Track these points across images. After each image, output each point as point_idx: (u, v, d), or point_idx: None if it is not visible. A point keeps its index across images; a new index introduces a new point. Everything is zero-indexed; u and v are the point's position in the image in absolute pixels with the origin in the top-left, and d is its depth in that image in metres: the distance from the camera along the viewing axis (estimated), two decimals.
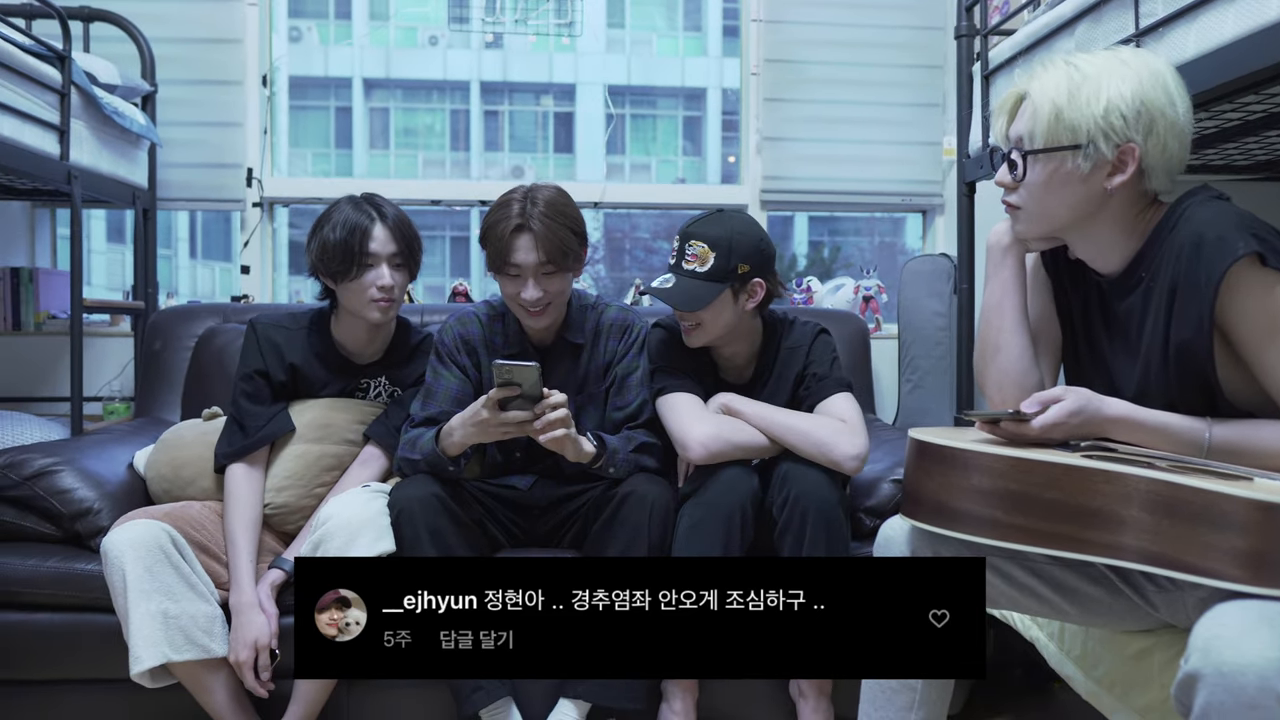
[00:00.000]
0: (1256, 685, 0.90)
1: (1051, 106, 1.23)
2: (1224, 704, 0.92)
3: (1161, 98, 1.21)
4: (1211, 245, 1.15)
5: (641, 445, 1.81)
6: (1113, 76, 1.21)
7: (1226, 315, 1.17)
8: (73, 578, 1.73)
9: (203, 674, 1.65)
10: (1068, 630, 1.51)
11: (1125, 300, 1.30)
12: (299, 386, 1.92)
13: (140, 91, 2.77)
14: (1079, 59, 1.26)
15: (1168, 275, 1.21)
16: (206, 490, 1.88)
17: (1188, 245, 1.18)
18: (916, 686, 1.37)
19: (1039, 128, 1.25)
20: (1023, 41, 2.01)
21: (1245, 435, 1.19)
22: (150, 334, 2.49)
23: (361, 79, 12.73)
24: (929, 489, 1.24)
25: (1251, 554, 0.99)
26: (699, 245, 1.76)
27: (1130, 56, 1.25)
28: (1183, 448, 1.20)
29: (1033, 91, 1.27)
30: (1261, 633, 0.92)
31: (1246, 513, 0.99)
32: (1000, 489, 1.16)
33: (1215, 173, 2.17)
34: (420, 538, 1.65)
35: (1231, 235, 1.14)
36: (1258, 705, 0.90)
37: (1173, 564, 1.04)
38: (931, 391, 2.83)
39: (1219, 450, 1.19)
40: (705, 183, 13.00)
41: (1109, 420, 1.23)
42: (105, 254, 10.28)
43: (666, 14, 12.87)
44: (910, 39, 3.17)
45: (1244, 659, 0.91)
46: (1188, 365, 1.20)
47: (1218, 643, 0.94)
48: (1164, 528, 1.05)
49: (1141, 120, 1.20)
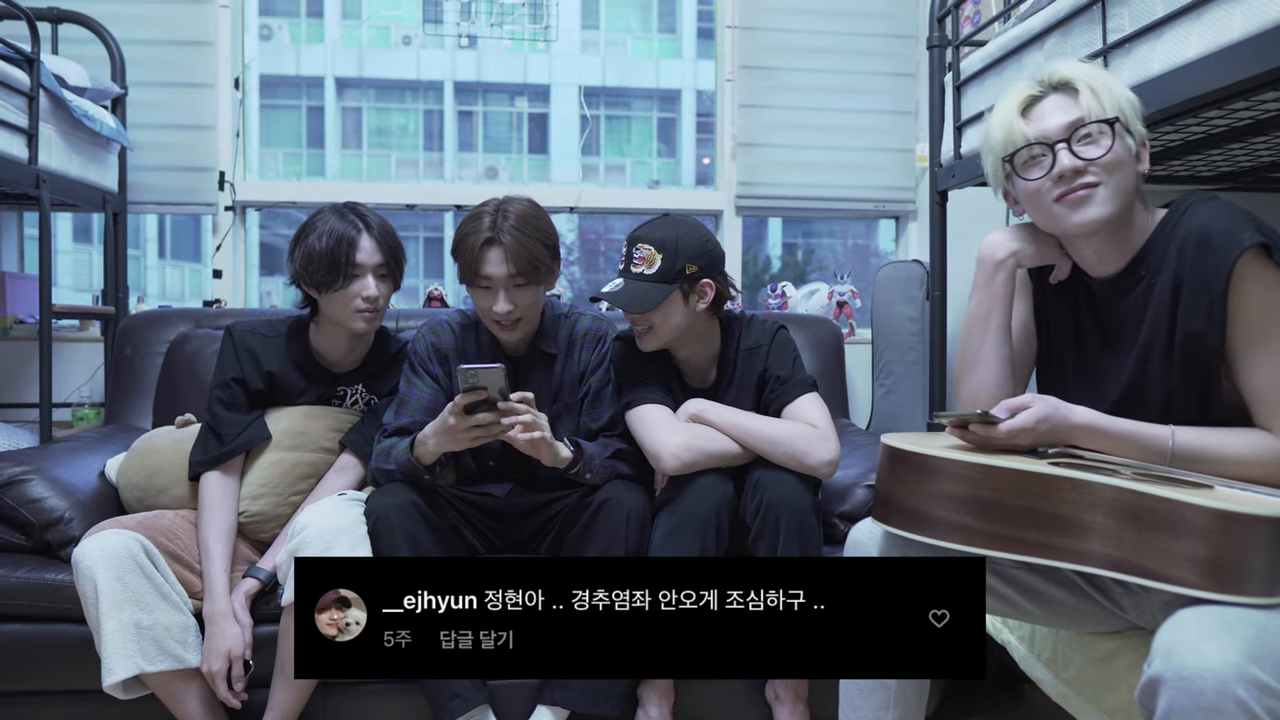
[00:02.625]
0: (1215, 689, 0.92)
1: (1109, 84, 1.26)
2: (1184, 708, 0.94)
3: None
4: (1219, 237, 1.19)
5: (618, 452, 1.82)
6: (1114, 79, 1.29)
7: (1229, 306, 1.20)
8: (43, 588, 1.70)
9: (176, 684, 1.63)
10: (1038, 633, 1.54)
11: (1123, 300, 1.31)
12: (276, 394, 1.91)
13: (110, 94, 2.74)
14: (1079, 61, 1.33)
15: (1170, 270, 1.24)
16: (180, 499, 1.86)
17: (1193, 239, 1.21)
18: (891, 685, 1.38)
19: (1107, 101, 1.25)
20: (994, 53, 2.04)
21: (1207, 443, 1.22)
22: (121, 339, 2.46)
23: (334, 78, 12.64)
24: (901, 494, 1.26)
25: (1210, 561, 1.01)
26: (646, 248, 1.77)
27: None
28: (1147, 455, 1.23)
29: (1070, 75, 1.28)
30: (1220, 638, 0.95)
31: (1207, 521, 1.02)
32: (970, 495, 1.18)
33: (1180, 183, 2.22)
34: (397, 545, 1.64)
35: (1238, 227, 1.18)
36: (1216, 709, 0.92)
37: (1135, 570, 1.07)
38: (905, 396, 2.86)
39: (1182, 457, 1.22)
40: (679, 183, 13.03)
41: (1075, 428, 1.26)
42: (71, 254, 10.13)
43: (641, 16, 12.89)
44: (884, 47, 3.20)
45: (1203, 663, 0.93)
46: (1193, 358, 1.22)
47: (1178, 648, 0.96)
48: (1128, 534, 1.07)
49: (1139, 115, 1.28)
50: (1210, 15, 1.37)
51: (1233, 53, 1.32)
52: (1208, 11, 1.38)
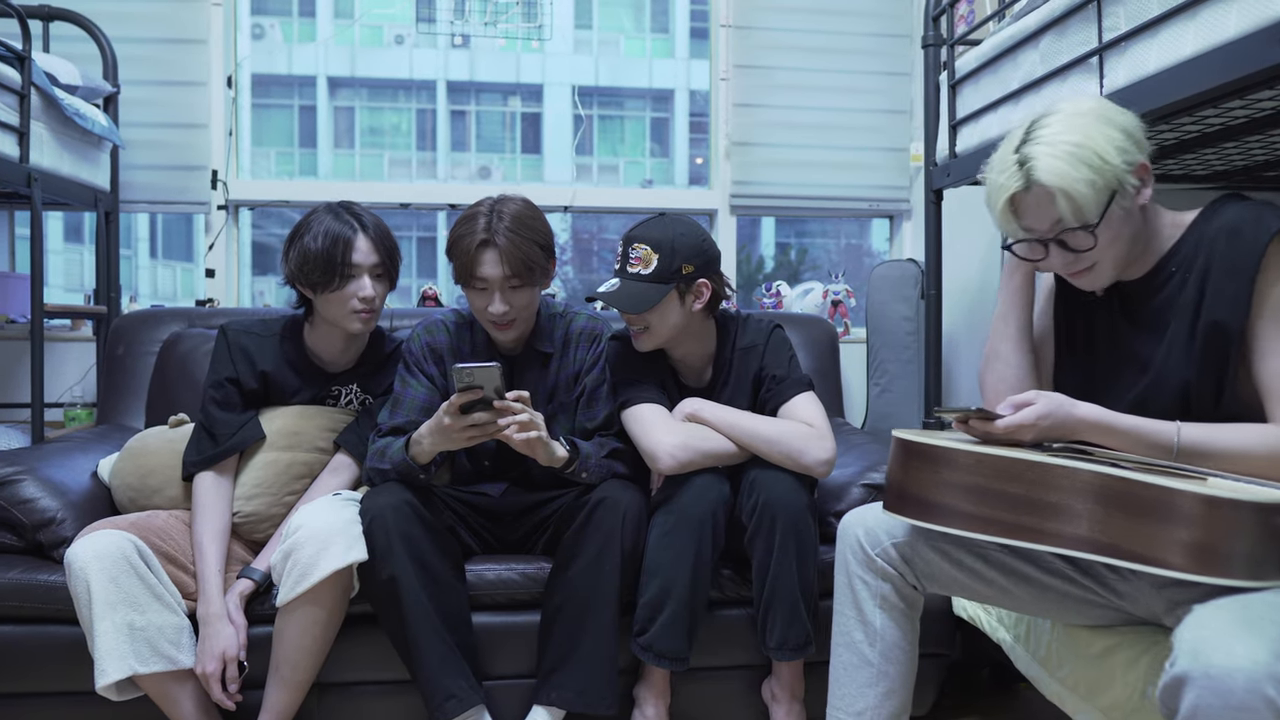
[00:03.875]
0: (1245, 688, 0.93)
1: (1081, 181, 1.24)
2: (1211, 706, 0.94)
3: (1119, 117, 1.28)
4: (1250, 226, 1.22)
5: (614, 451, 1.82)
6: (1090, 129, 1.26)
7: (1256, 292, 1.22)
8: (36, 589, 1.69)
9: (170, 686, 1.63)
10: (1033, 631, 1.54)
11: (1156, 297, 1.34)
12: (270, 394, 1.90)
13: (102, 92, 2.72)
14: (1056, 132, 1.27)
15: (1201, 263, 1.27)
16: (173, 499, 1.86)
17: (1224, 232, 1.25)
18: (874, 661, 1.43)
19: (1085, 203, 1.24)
20: (989, 52, 2.04)
21: (1212, 438, 1.23)
22: (114, 339, 2.45)
23: (326, 77, 12.60)
24: (911, 485, 1.31)
25: (1196, 545, 1.05)
26: (642, 248, 1.76)
27: (1075, 107, 1.30)
28: (1152, 450, 1.25)
29: (1046, 181, 1.25)
30: (1247, 637, 0.95)
31: (1193, 506, 1.05)
32: (971, 483, 1.24)
33: (1175, 182, 2.22)
34: (393, 545, 1.64)
35: (1268, 217, 1.21)
36: (1246, 708, 0.92)
37: (1122, 554, 1.11)
38: (899, 395, 2.86)
39: (1187, 452, 1.24)
40: (673, 183, 13.03)
41: (1080, 423, 1.28)
42: (63, 254, 10.09)
43: (634, 15, 12.89)
44: (878, 46, 3.21)
45: (1232, 662, 0.94)
46: (1214, 346, 1.24)
47: (1205, 646, 0.96)
48: (1115, 520, 1.11)
49: (1132, 142, 1.27)
50: (1206, 14, 1.37)
51: (1228, 51, 1.32)
52: (1203, 10, 1.38)
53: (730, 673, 1.85)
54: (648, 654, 1.68)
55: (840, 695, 1.47)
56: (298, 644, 1.64)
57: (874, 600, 1.43)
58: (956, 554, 1.40)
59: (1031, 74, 1.86)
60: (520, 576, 1.81)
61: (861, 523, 1.47)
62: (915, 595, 1.46)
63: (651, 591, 1.68)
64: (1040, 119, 1.31)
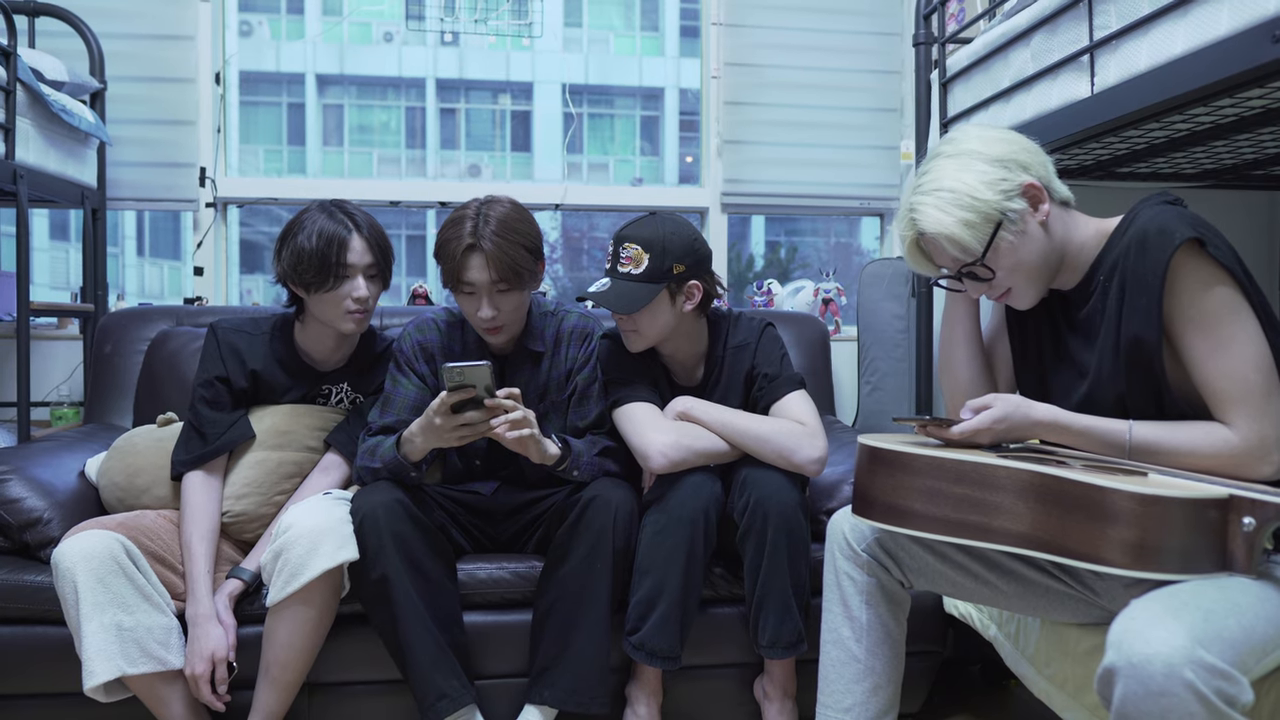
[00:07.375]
0: (1163, 673, 0.94)
1: (957, 224, 1.29)
2: (1136, 694, 0.96)
3: (994, 148, 1.32)
4: (1155, 237, 1.22)
5: (606, 449, 1.81)
6: (961, 173, 1.30)
7: (1167, 304, 1.23)
8: (22, 590, 1.68)
9: (159, 687, 1.61)
10: (1023, 629, 1.55)
11: (1086, 306, 1.35)
12: (260, 392, 1.89)
13: (89, 89, 2.70)
14: (932, 179, 1.33)
15: (1119, 274, 1.28)
16: (162, 499, 1.84)
17: (1134, 243, 1.25)
18: (860, 657, 1.45)
19: (968, 242, 1.30)
20: (980, 50, 2.04)
21: (1162, 436, 1.25)
22: (101, 337, 2.43)
23: (315, 75, 12.55)
24: (875, 489, 1.33)
25: (1132, 542, 1.07)
26: (633, 248, 1.75)
27: (954, 147, 1.34)
28: (1106, 448, 1.28)
29: (928, 229, 1.32)
30: (1168, 623, 0.97)
31: (1127, 504, 1.07)
32: (925, 486, 1.27)
33: (1164, 180, 2.23)
34: (384, 544, 1.63)
35: (1172, 226, 1.21)
36: (1166, 693, 0.94)
37: (1058, 550, 1.13)
38: (890, 393, 2.87)
39: (1140, 450, 1.26)
40: (662, 182, 13.04)
41: (1037, 424, 1.31)
42: (48, 252, 10.03)
43: (624, 14, 12.88)
44: (869, 45, 3.21)
45: (1150, 649, 0.96)
46: (1137, 359, 1.26)
47: (1129, 636, 0.99)
48: (1052, 516, 1.14)
49: (1007, 169, 1.30)
50: (1197, 12, 1.38)
51: (1220, 49, 1.33)
52: (1194, 8, 1.38)
53: (722, 671, 1.85)
54: (640, 653, 1.68)
55: (828, 692, 1.48)
56: (288, 644, 1.63)
57: (860, 596, 1.45)
58: (941, 548, 1.42)
59: (1022, 72, 1.86)
60: (512, 575, 1.80)
61: (848, 519, 1.48)
62: (902, 591, 1.47)
63: (643, 590, 1.68)
64: (925, 164, 1.37)
